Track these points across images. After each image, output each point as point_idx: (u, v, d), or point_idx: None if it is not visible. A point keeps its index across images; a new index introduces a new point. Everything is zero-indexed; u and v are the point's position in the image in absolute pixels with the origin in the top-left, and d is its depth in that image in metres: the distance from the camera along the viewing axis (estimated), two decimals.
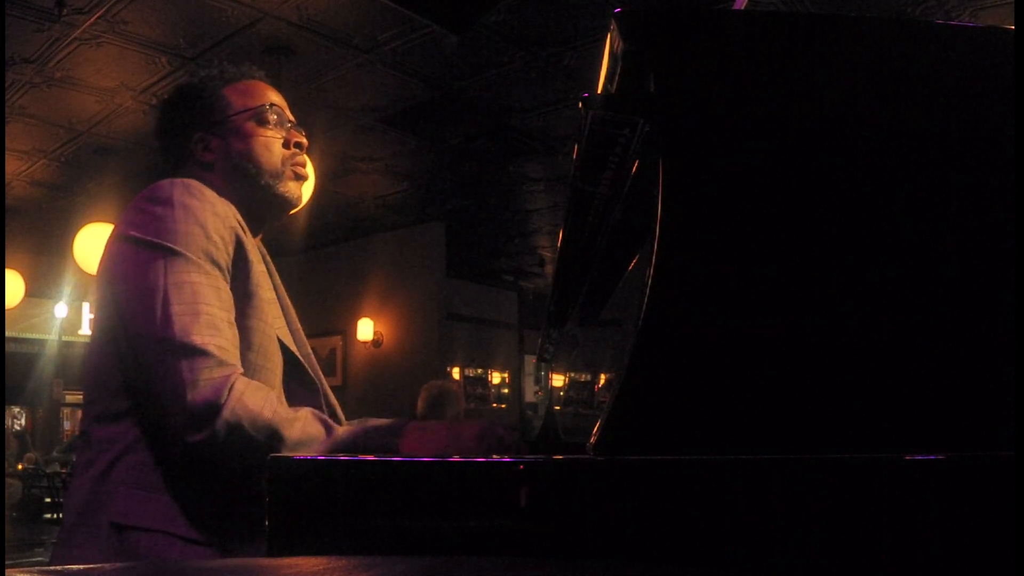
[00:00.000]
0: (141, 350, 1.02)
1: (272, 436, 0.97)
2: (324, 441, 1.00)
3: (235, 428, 0.96)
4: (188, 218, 1.06)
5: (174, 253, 1.03)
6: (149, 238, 1.05)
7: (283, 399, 1.10)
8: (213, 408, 0.96)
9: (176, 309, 1.00)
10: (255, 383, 1.02)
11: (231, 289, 1.08)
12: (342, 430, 1.03)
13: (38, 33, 3.64)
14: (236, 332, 1.06)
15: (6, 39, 3.62)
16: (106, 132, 4.82)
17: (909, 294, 0.63)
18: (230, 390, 0.97)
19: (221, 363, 0.99)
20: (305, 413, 1.02)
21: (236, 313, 1.08)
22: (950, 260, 0.64)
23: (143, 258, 1.04)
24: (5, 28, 3.50)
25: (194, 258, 1.04)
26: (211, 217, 1.08)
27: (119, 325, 1.06)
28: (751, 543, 0.55)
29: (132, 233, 1.07)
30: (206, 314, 1.01)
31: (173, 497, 1.03)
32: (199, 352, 0.98)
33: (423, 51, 3.94)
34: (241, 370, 1.02)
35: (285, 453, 0.96)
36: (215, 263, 1.06)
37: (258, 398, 0.99)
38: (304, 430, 1.00)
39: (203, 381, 0.97)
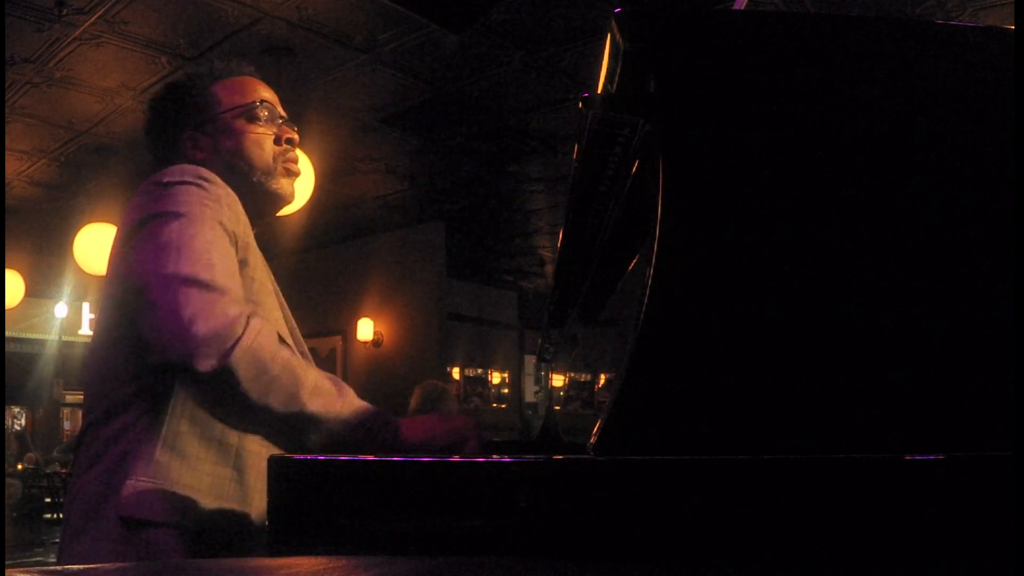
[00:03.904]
0: (152, 292, 0.96)
1: (292, 375, 0.95)
2: (338, 398, 0.99)
3: (255, 361, 0.93)
4: (201, 192, 1.06)
5: (187, 216, 1.02)
6: (160, 210, 1.04)
7: None
8: (228, 339, 0.92)
9: (189, 256, 0.98)
10: (270, 325, 0.99)
11: None
12: (353, 397, 1.01)
13: (38, 33, 3.63)
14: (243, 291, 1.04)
15: (6, 39, 3.61)
16: (106, 132, 4.82)
17: (909, 294, 0.63)
18: (247, 325, 0.94)
19: (238, 301, 0.97)
20: (315, 370, 1.01)
21: None
22: (950, 260, 0.64)
23: (155, 224, 1.02)
24: (5, 28, 3.50)
25: (209, 221, 1.03)
26: (224, 194, 1.09)
27: (131, 291, 1.01)
28: (751, 543, 0.55)
29: (143, 214, 1.05)
30: (220, 264, 1.00)
31: (182, 485, 1.02)
32: (216, 288, 0.95)
33: (423, 51, 3.94)
34: (259, 311, 1.00)
35: (303, 399, 0.95)
36: (226, 231, 1.06)
37: (275, 339, 0.97)
38: (318, 382, 0.98)
39: (219, 313, 0.94)
